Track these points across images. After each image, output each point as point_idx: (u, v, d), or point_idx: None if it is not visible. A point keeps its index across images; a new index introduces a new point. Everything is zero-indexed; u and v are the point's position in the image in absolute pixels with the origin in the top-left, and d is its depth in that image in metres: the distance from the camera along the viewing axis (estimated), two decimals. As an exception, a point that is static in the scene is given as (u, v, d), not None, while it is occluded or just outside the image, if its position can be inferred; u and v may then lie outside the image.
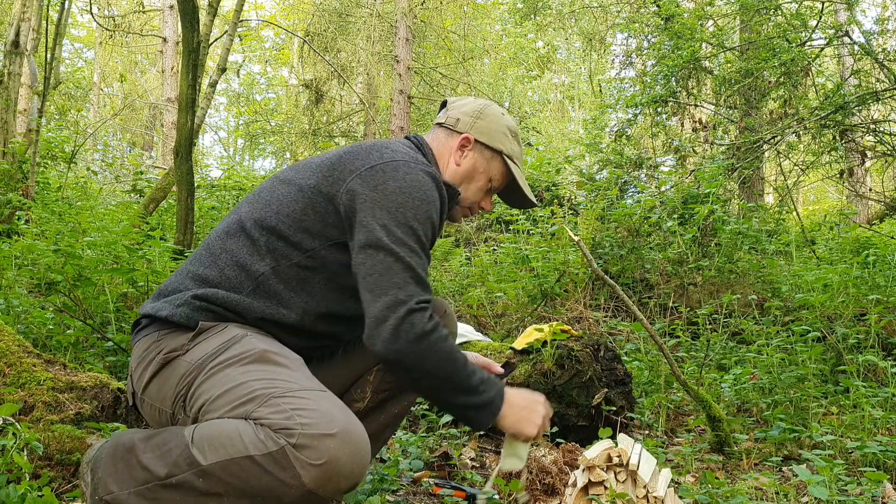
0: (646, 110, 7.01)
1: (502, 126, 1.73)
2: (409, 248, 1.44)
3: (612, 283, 2.76)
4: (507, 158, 1.72)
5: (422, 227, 1.47)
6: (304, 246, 1.51)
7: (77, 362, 2.73)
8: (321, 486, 1.23)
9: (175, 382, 1.42)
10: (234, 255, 1.52)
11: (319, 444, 1.22)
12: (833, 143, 6.42)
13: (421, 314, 1.39)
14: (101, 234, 3.94)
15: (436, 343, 1.40)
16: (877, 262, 4.51)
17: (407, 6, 10.81)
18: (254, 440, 1.24)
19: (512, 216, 6.18)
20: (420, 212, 1.47)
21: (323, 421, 1.25)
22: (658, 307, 4.92)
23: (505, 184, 1.76)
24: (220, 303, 1.47)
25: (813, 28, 6.33)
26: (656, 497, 1.74)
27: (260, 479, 1.24)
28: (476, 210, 1.77)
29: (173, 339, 1.45)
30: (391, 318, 1.37)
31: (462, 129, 1.71)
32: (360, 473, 1.27)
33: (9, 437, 1.71)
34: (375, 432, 1.73)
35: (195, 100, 3.98)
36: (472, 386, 1.46)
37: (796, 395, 3.00)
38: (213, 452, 1.26)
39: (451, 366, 1.43)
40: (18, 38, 5.14)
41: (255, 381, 1.33)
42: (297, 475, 1.22)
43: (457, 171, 1.70)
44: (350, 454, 1.24)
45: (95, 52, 17.03)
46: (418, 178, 1.51)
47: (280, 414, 1.25)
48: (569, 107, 17.97)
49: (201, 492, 1.27)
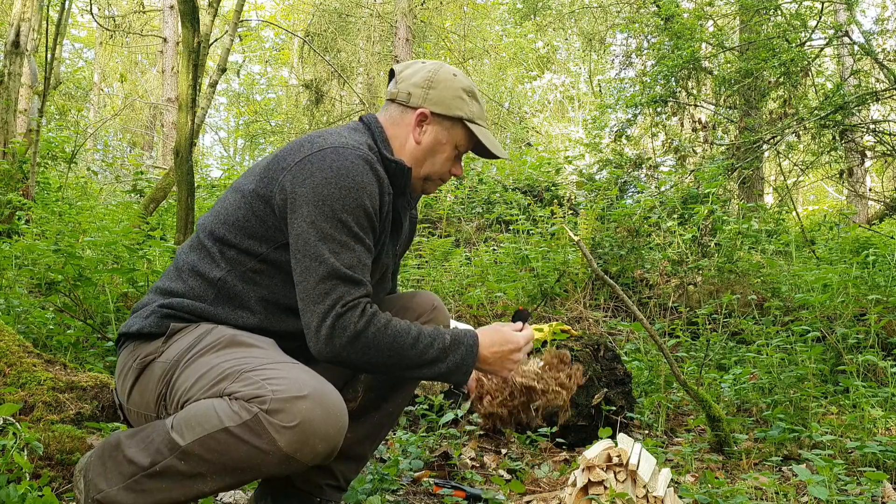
0: (646, 110, 7.01)
1: (456, 90, 1.63)
2: (339, 244, 1.41)
3: (612, 283, 2.77)
4: (469, 123, 1.64)
5: (352, 216, 1.43)
6: (253, 251, 1.51)
7: (77, 362, 2.73)
8: (298, 449, 1.25)
9: (154, 384, 1.44)
10: (195, 265, 1.54)
11: (291, 406, 1.24)
12: (833, 143, 6.42)
13: (350, 314, 1.38)
14: (102, 234, 3.94)
15: (374, 337, 1.39)
16: (876, 261, 4.51)
17: (407, 6, 10.81)
18: (228, 413, 1.26)
19: (512, 216, 6.18)
20: (349, 201, 1.43)
21: (293, 385, 1.27)
22: (658, 307, 4.92)
23: (472, 146, 1.69)
24: (186, 310, 1.50)
25: (813, 28, 6.33)
26: (656, 497, 1.74)
27: (238, 450, 1.25)
28: (448, 178, 1.72)
29: (147, 345, 1.49)
30: (323, 327, 1.38)
31: (415, 104, 1.62)
32: (335, 436, 1.29)
33: (9, 437, 1.71)
34: (371, 432, 1.73)
35: (195, 100, 3.98)
36: (430, 359, 1.45)
37: (796, 394, 3.00)
38: (191, 432, 1.28)
39: (400, 351, 1.42)
40: (19, 38, 5.14)
41: (226, 361, 1.36)
42: (273, 440, 1.24)
43: (418, 149, 1.63)
44: (323, 415, 1.26)
45: (95, 52, 17.03)
46: (346, 165, 1.45)
47: (251, 385, 1.28)
48: (569, 107, 17.97)
49: (185, 475, 1.29)
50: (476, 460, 2.51)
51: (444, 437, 2.63)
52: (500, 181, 8.00)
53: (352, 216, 1.44)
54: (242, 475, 1.29)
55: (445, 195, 7.61)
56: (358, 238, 1.45)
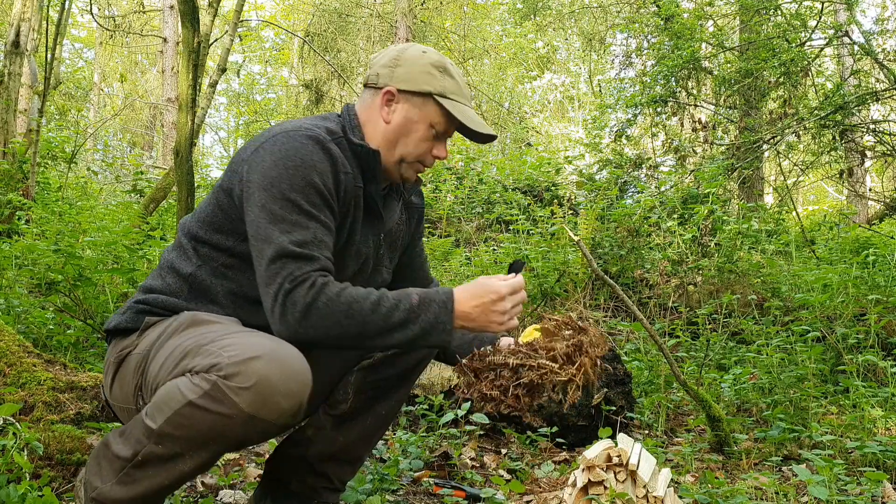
0: (646, 110, 7.01)
1: (425, 65, 1.56)
2: (290, 223, 1.39)
3: (612, 283, 2.76)
4: (440, 98, 1.56)
5: (301, 194, 1.41)
6: (222, 246, 1.52)
7: (77, 362, 2.73)
8: (259, 407, 1.25)
9: (131, 377, 1.47)
10: (172, 263, 1.57)
11: (246, 367, 1.25)
12: (833, 143, 6.42)
13: (298, 289, 1.35)
14: (102, 234, 3.94)
15: (326, 307, 1.35)
16: (876, 261, 4.51)
17: (407, 6, 10.81)
18: (189, 386, 1.28)
19: (512, 216, 6.18)
20: (296, 180, 1.41)
21: (247, 348, 1.28)
22: (658, 307, 4.92)
23: (451, 125, 1.59)
24: (161, 305, 1.52)
25: (813, 28, 6.33)
26: (656, 497, 1.74)
27: (204, 420, 1.26)
28: (430, 161, 1.62)
29: (124, 340, 1.52)
30: (275, 307, 1.36)
31: (383, 84, 1.57)
32: (298, 391, 1.28)
33: (9, 437, 1.71)
34: (364, 435, 1.70)
35: (195, 100, 3.98)
36: (398, 321, 1.38)
37: (796, 394, 3.00)
38: (160, 414, 1.30)
39: (360, 318, 1.36)
40: (18, 38, 5.14)
41: (187, 340, 1.37)
42: (234, 403, 1.24)
43: (388, 129, 1.57)
44: (280, 371, 1.26)
45: (95, 52, 17.02)
46: (294, 146, 1.44)
47: (210, 356, 1.29)
48: (569, 107, 17.96)
49: (165, 458, 1.31)
50: (476, 460, 2.51)
51: (444, 437, 2.63)
52: (500, 181, 8.00)
53: (301, 194, 1.41)
54: (216, 446, 1.30)
55: (445, 195, 7.61)
56: (310, 215, 1.42)
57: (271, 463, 1.73)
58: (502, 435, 2.83)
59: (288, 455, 1.70)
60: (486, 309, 1.42)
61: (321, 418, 1.68)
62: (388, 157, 1.58)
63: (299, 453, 1.68)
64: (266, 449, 2.44)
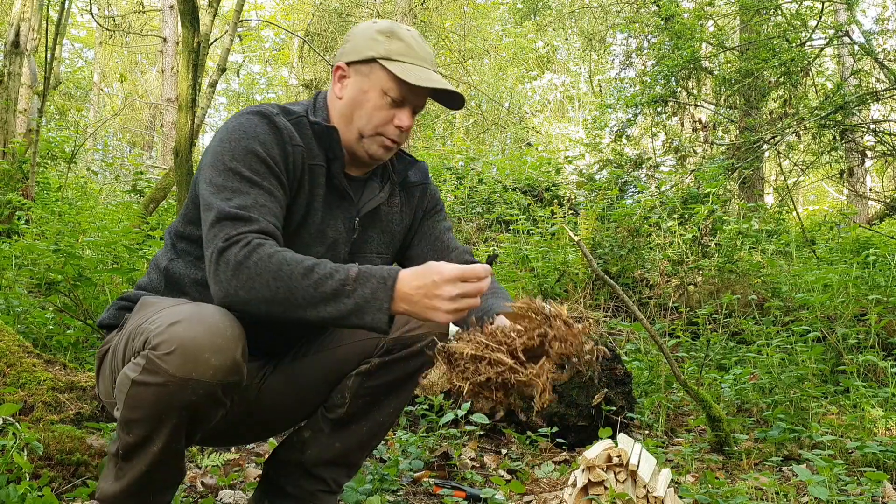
0: (646, 110, 7.01)
1: (370, 33, 1.53)
2: (231, 191, 1.38)
3: (613, 283, 2.76)
4: (384, 61, 1.49)
5: (242, 162, 1.41)
6: (194, 237, 1.53)
7: (77, 362, 2.73)
8: (190, 369, 1.25)
9: (109, 372, 1.50)
10: (155, 260, 1.63)
11: (167, 333, 1.26)
12: (833, 143, 6.42)
13: (233, 247, 1.32)
14: (101, 234, 3.94)
15: (256, 266, 1.29)
16: (877, 261, 4.51)
17: (407, 6, 10.81)
18: (132, 367, 1.30)
19: (512, 216, 6.18)
20: (237, 150, 1.41)
21: (169, 316, 1.30)
22: (658, 307, 4.92)
23: (402, 88, 1.50)
24: (137, 299, 1.55)
25: (813, 28, 6.33)
26: (656, 497, 1.74)
27: (148, 395, 1.28)
28: (392, 131, 1.53)
29: (107, 336, 1.57)
30: (210, 267, 1.35)
31: (336, 63, 1.57)
32: (227, 345, 1.28)
33: (9, 437, 1.71)
34: (362, 441, 1.67)
35: (195, 100, 3.98)
36: (330, 291, 1.28)
37: (796, 395, 3.00)
38: (119, 401, 1.33)
39: (289, 282, 1.28)
40: (18, 38, 5.14)
41: (132, 325, 1.41)
42: (165, 370, 1.25)
43: (342, 105, 1.54)
44: (204, 330, 1.27)
45: (95, 52, 17.02)
46: (240, 122, 1.46)
47: (143, 335, 1.32)
48: (569, 107, 17.96)
49: (137, 444, 1.33)
50: (476, 460, 2.50)
51: (444, 438, 2.63)
52: (500, 181, 8.01)
53: (241, 162, 1.41)
54: (171, 417, 1.30)
55: (445, 195, 7.61)
56: (252, 182, 1.40)
57: (268, 466, 1.73)
58: (502, 435, 2.83)
59: (284, 459, 1.69)
60: (428, 292, 1.28)
61: (319, 421, 1.67)
62: (348, 134, 1.54)
63: (295, 457, 1.67)
64: (266, 449, 2.44)
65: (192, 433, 1.37)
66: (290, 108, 1.55)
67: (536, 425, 2.73)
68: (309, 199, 1.53)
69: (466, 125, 16.30)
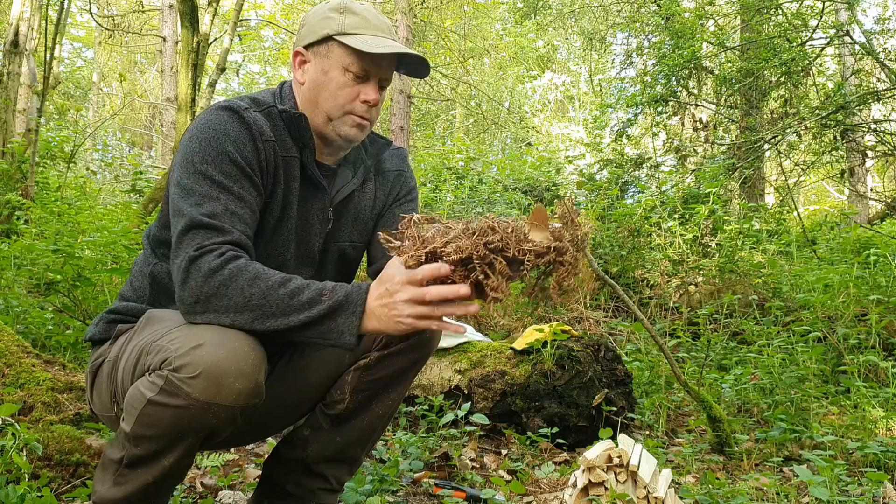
0: (646, 110, 7.01)
1: (324, 13, 1.50)
2: (201, 196, 1.36)
3: (613, 283, 2.76)
4: (340, 36, 1.46)
5: (213, 165, 1.38)
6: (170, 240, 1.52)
7: (76, 362, 2.72)
8: (214, 393, 1.24)
9: (105, 384, 1.49)
10: (136, 266, 1.60)
11: (191, 356, 1.25)
12: (834, 143, 6.42)
13: (206, 256, 1.31)
14: (101, 234, 3.94)
15: (231, 275, 1.29)
16: (878, 262, 4.51)
17: (407, 5, 10.81)
18: (147, 385, 1.29)
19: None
20: (208, 152, 1.38)
21: (191, 338, 1.27)
22: (659, 307, 4.92)
23: (362, 60, 1.47)
24: (129, 312, 1.54)
25: (814, 28, 6.32)
26: (657, 497, 1.73)
27: (166, 416, 1.27)
28: (360, 108, 1.50)
29: (98, 349, 1.54)
30: (179, 276, 1.32)
31: (294, 49, 1.55)
32: (250, 371, 1.27)
33: (8, 438, 1.70)
34: (361, 435, 1.68)
35: (195, 99, 3.98)
36: (305, 301, 1.28)
37: (797, 395, 3.00)
38: (129, 416, 1.31)
39: (265, 291, 1.28)
40: (18, 37, 5.14)
41: (143, 339, 1.38)
42: (187, 394, 1.24)
43: (305, 90, 1.52)
44: (228, 354, 1.25)
45: (95, 51, 17.02)
46: (209, 119, 1.42)
47: (160, 352, 1.29)
48: (569, 106, 17.96)
49: (146, 457, 1.32)
50: (476, 461, 2.50)
51: (444, 438, 2.63)
52: (501, 181, 8.00)
53: (212, 165, 1.38)
54: (188, 437, 1.30)
55: (445, 195, 7.60)
56: (223, 187, 1.37)
57: (268, 465, 1.72)
58: (502, 435, 2.82)
59: (284, 457, 1.69)
60: (388, 310, 1.26)
61: (318, 418, 1.67)
62: (317, 119, 1.52)
63: (296, 455, 1.67)
64: (265, 450, 2.43)
65: (201, 446, 1.39)
66: (259, 99, 1.52)
67: (536, 426, 2.72)
68: (286, 193, 1.51)
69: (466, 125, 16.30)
